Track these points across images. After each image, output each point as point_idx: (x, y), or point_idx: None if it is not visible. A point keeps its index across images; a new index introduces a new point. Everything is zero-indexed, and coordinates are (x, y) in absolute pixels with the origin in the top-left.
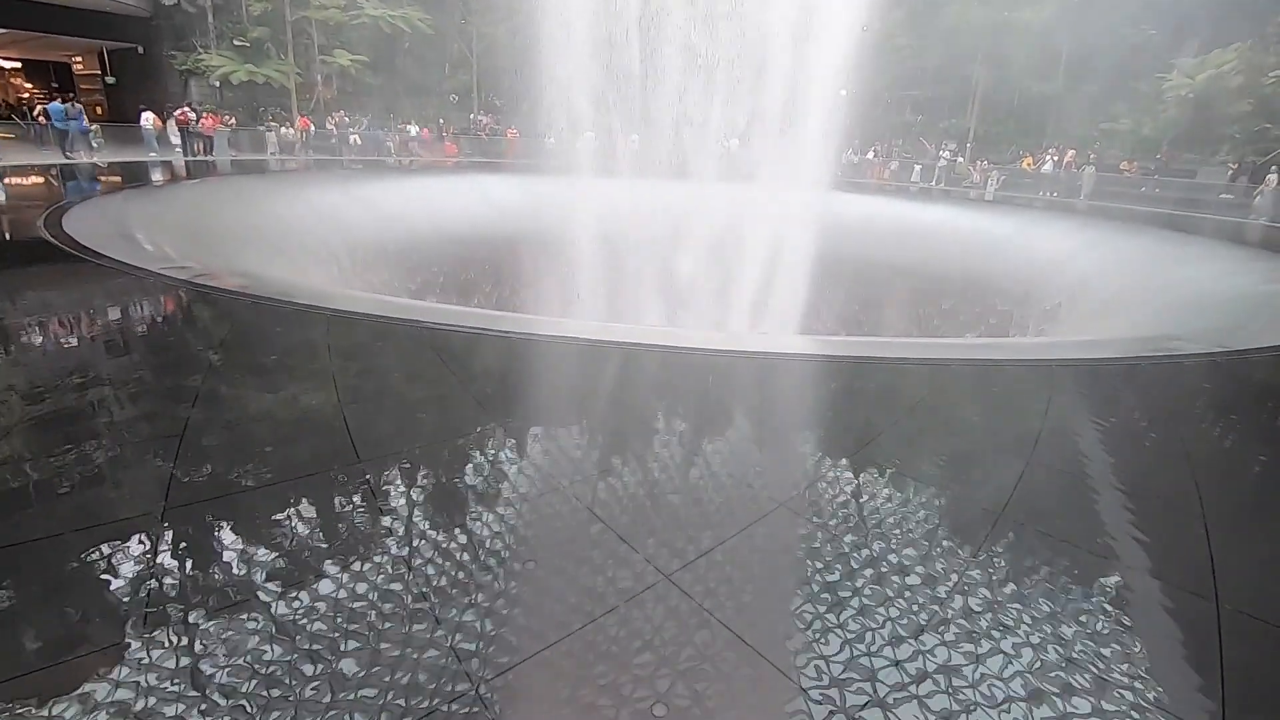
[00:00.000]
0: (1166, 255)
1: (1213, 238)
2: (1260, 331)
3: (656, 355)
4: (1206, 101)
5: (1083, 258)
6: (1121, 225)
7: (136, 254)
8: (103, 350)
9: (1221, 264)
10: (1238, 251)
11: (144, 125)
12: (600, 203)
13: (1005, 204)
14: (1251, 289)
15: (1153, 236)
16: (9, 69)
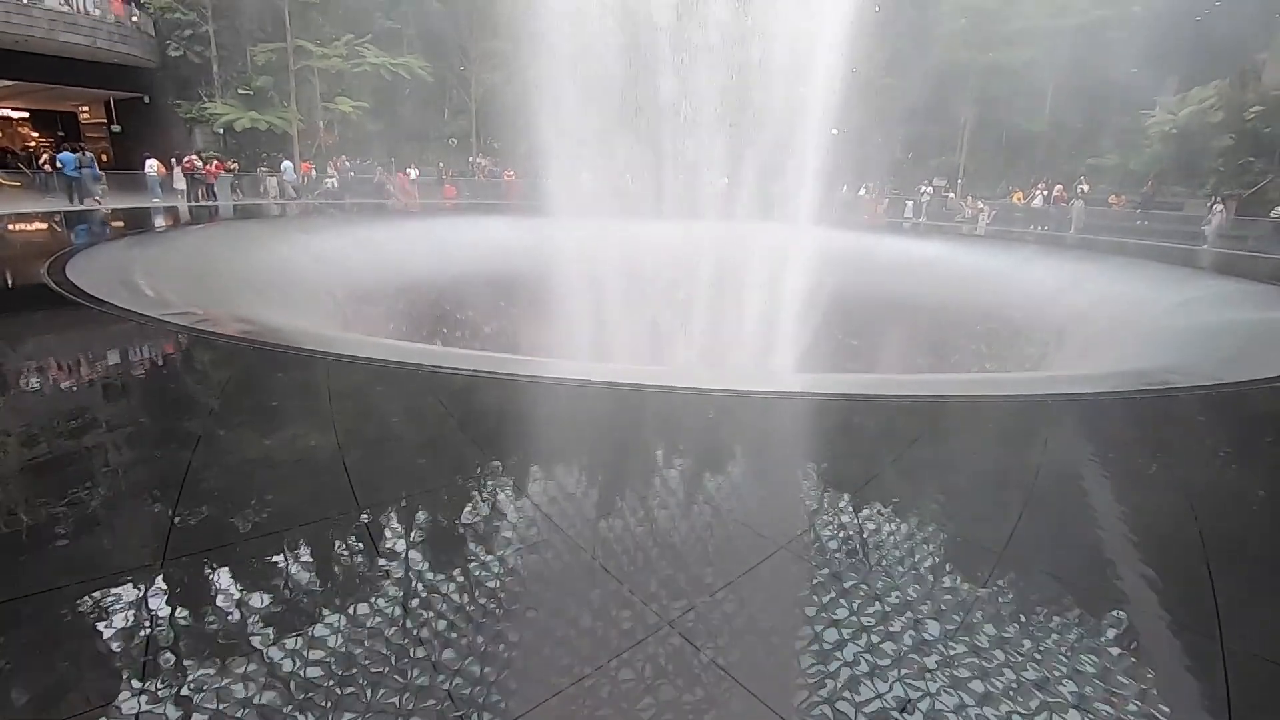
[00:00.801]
0: (1156, 288)
1: (1200, 269)
2: (1253, 363)
3: (654, 396)
4: (1189, 136)
5: (1076, 291)
6: (1111, 258)
7: (138, 300)
8: (102, 396)
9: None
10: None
11: (148, 172)
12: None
13: (998, 238)
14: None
15: (1142, 269)
16: (16, 119)
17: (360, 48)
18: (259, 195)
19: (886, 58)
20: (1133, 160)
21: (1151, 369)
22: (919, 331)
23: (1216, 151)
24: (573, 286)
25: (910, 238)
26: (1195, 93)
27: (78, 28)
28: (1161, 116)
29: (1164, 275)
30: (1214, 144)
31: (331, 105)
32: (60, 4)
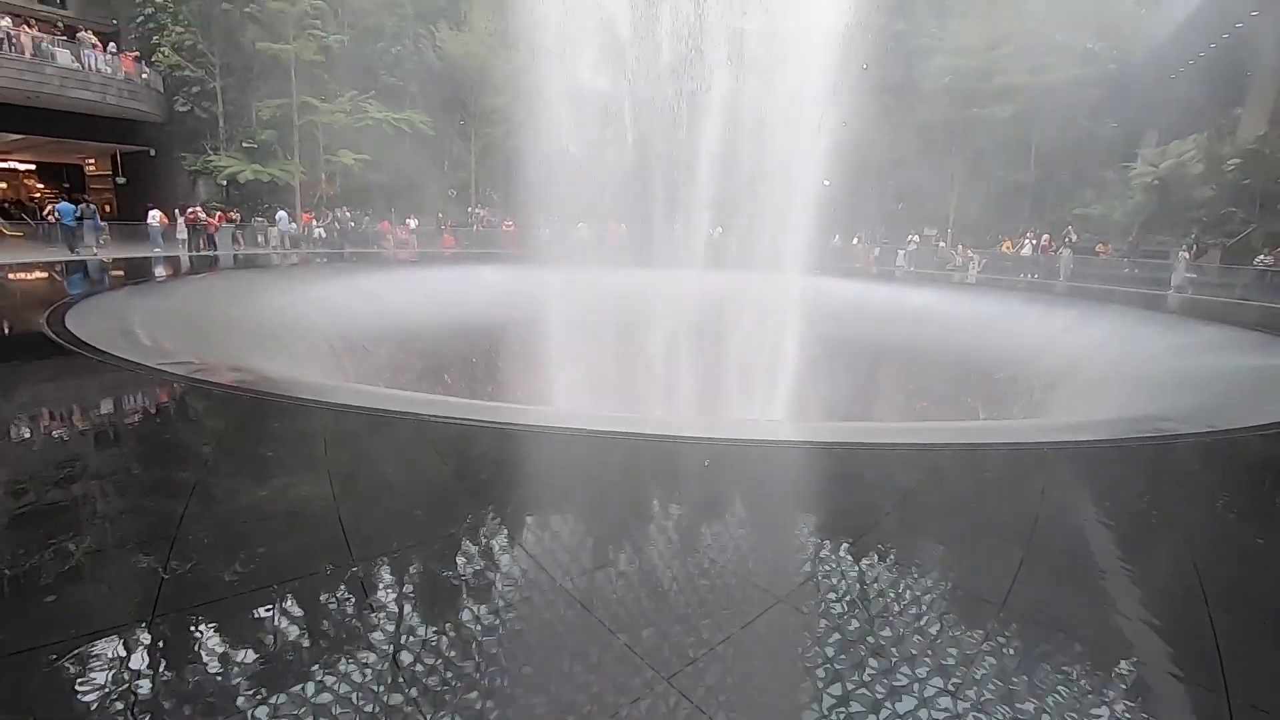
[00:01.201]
0: (1146, 334)
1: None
2: (1244, 409)
3: (649, 444)
4: (1171, 188)
5: (1068, 337)
6: (1101, 305)
7: (135, 349)
8: (96, 445)
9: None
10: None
11: (150, 223)
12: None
13: (988, 286)
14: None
15: (1131, 316)
16: (23, 171)
17: (364, 103)
18: (259, 245)
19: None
20: (1117, 211)
21: (1144, 415)
22: (914, 378)
23: (1198, 202)
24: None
25: (902, 286)
26: (1174, 146)
27: (88, 84)
28: (1143, 168)
29: (1153, 322)
30: (1195, 195)
31: (334, 158)
32: (71, 62)
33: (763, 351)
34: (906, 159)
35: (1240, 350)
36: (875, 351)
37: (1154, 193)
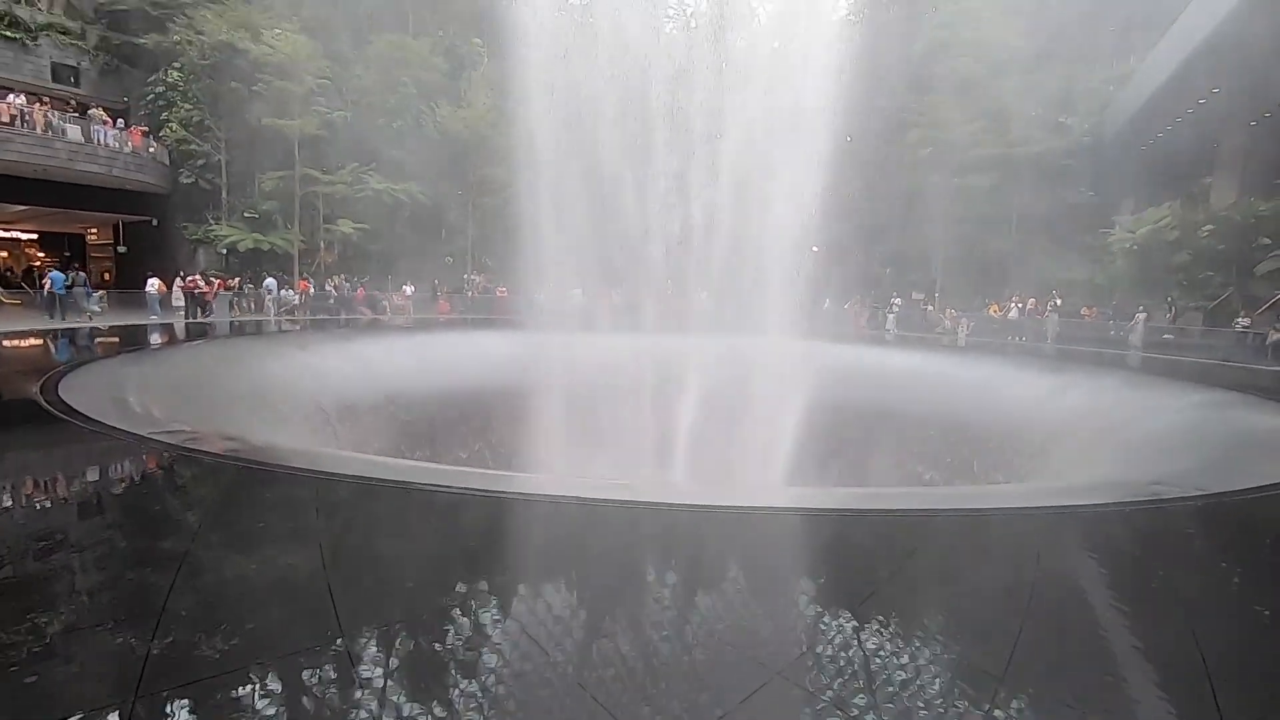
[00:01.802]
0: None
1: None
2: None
3: (643, 512)
4: (1149, 253)
5: (1058, 400)
6: (1088, 368)
7: (128, 418)
8: (83, 517)
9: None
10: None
11: (149, 290)
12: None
13: (978, 349)
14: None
15: (1120, 378)
16: (25, 240)
17: (364, 174)
18: (254, 312)
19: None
20: (1099, 275)
21: (1137, 479)
22: (907, 442)
23: (1176, 267)
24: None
25: (893, 349)
26: (1150, 213)
27: (95, 158)
28: (1121, 235)
29: (1141, 384)
30: (1173, 260)
31: (333, 226)
32: (81, 137)
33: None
34: (891, 226)
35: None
36: (870, 415)
37: (1133, 258)
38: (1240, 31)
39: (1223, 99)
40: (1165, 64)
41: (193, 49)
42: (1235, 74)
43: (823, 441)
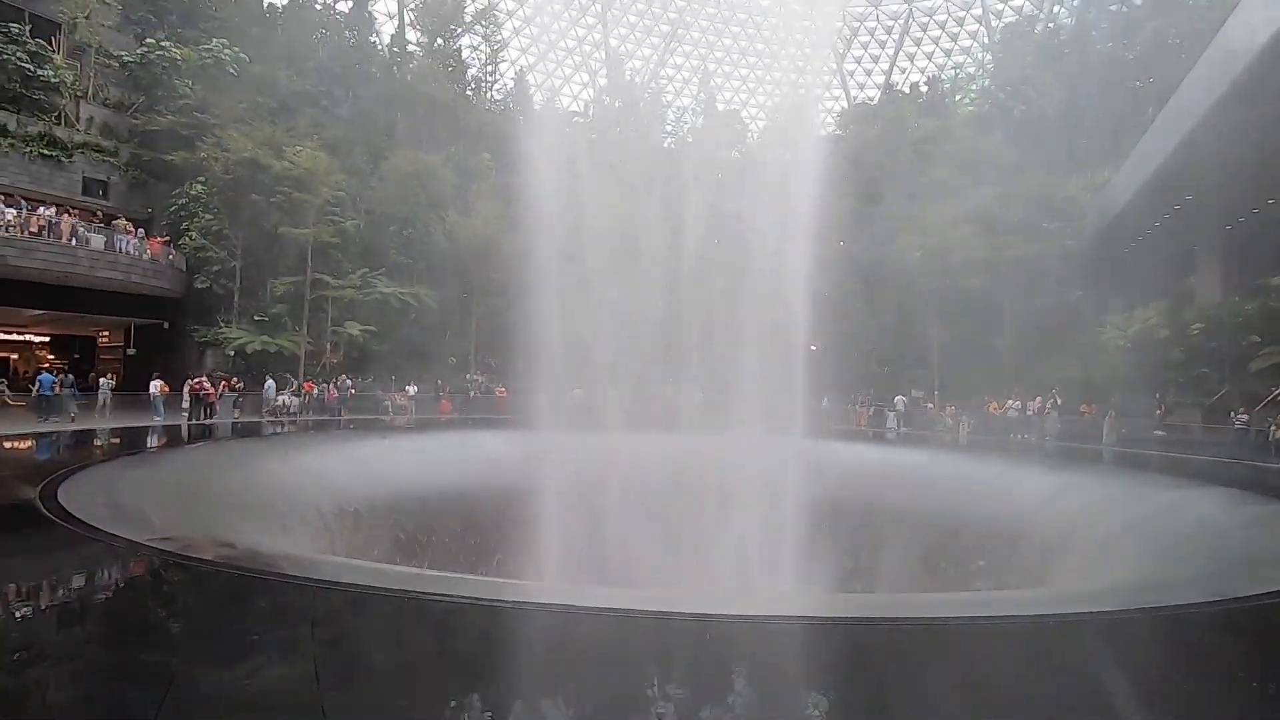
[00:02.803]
0: (1140, 495)
1: (1175, 475)
2: (1247, 577)
3: (643, 622)
4: (1142, 351)
5: (1063, 499)
6: (1090, 466)
7: (125, 524)
8: (70, 626)
9: (1189, 502)
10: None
11: (152, 392)
12: (584, 456)
13: (979, 447)
14: (1226, 527)
15: (1124, 477)
16: (37, 342)
17: (373, 279)
18: (260, 413)
19: (856, 282)
20: (1095, 373)
21: (1148, 583)
22: (912, 543)
23: (1170, 364)
24: (560, 502)
25: (895, 447)
26: (1139, 312)
27: (116, 265)
28: (1113, 333)
29: (1146, 482)
30: (1166, 358)
31: (340, 329)
32: (103, 245)
33: (761, 518)
34: (886, 325)
35: (1230, 511)
36: (876, 516)
37: (1128, 356)
38: (1203, 148)
39: (1195, 206)
40: (1136, 176)
41: (217, 164)
42: (1203, 185)
43: (829, 544)
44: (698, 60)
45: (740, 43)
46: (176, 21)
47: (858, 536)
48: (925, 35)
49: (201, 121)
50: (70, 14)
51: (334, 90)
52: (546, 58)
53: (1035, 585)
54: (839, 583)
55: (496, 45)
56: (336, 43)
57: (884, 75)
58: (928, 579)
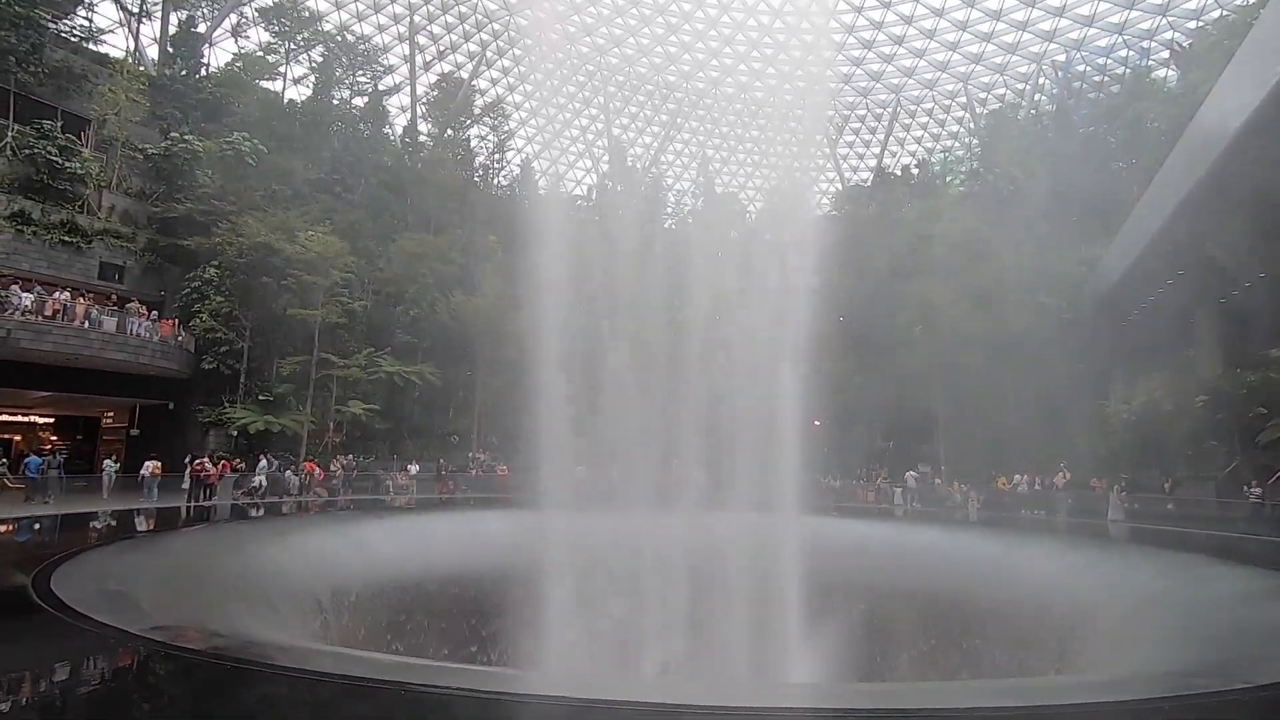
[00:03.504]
0: (1158, 574)
1: (1194, 552)
2: (1275, 660)
3: (646, 716)
4: (1148, 424)
5: (1079, 579)
6: (1107, 544)
7: (117, 613)
8: None
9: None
10: (1220, 566)
11: (143, 474)
12: (586, 537)
13: (991, 524)
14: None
15: (1138, 554)
16: (41, 423)
17: (378, 358)
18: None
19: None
20: (1102, 446)
21: (1173, 670)
22: (926, 626)
23: (1178, 437)
24: (561, 586)
25: (904, 525)
26: (1142, 385)
27: (125, 347)
28: (1118, 406)
29: (1162, 559)
30: (1174, 430)
31: (344, 408)
32: (114, 327)
33: (766, 600)
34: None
35: (1254, 591)
36: (887, 597)
37: (1134, 429)
38: (1189, 227)
39: (1187, 281)
40: (1127, 253)
41: (231, 249)
42: (1192, 262)
43: (843, 627)
44: (696, 147)
45: (736, 130)
46: (201, 116)
47: (869, 620)
48: (913, 121)
49: (218, 208)
50: (101, 111)
51: (347, 178)
52: (551, 146)
53: (1055, 670)
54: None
55: (504, 135)
56: (351, 134)
57: (875, 159)
58: (943, 663)
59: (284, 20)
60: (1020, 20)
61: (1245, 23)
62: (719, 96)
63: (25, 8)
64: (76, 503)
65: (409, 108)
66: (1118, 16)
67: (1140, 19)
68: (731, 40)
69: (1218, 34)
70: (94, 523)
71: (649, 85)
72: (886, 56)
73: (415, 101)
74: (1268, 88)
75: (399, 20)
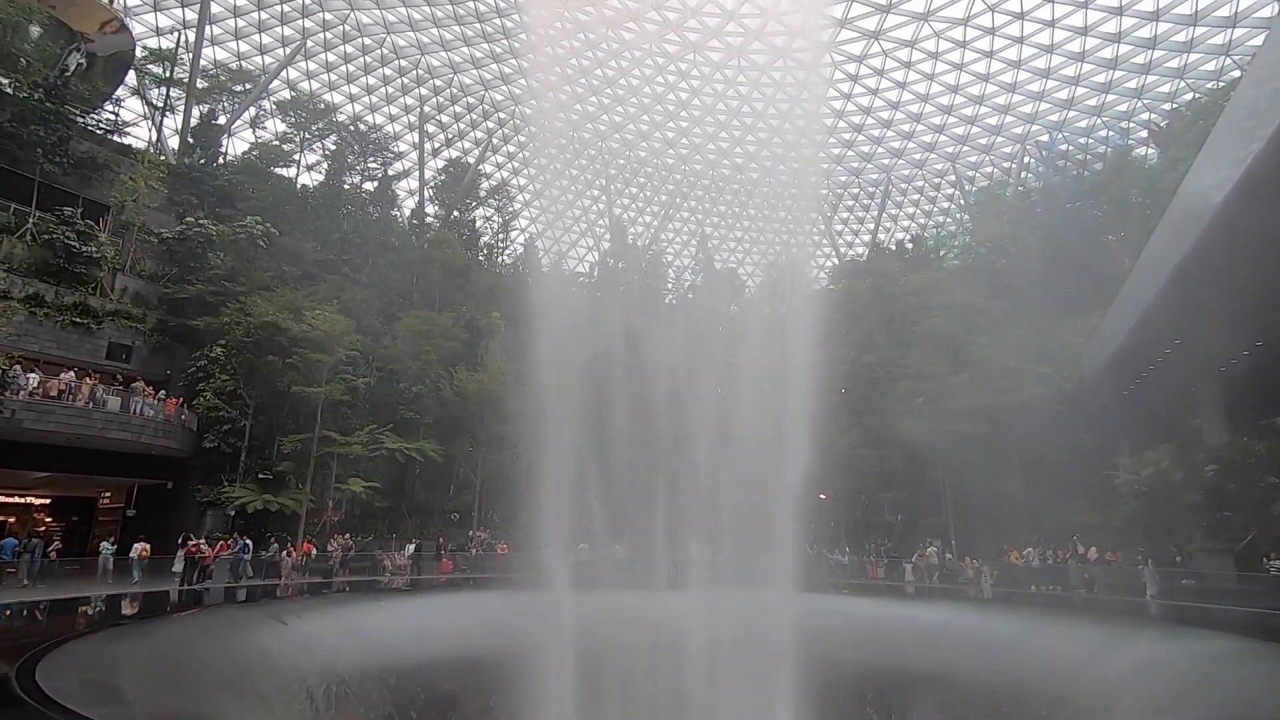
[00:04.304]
0: (1186, 655)
1: (1218, 631)
2: None
3: None
4: (1158, 494)
5: (1103, 660)
6: (1125, 620)
7: (102, 706)
8: None
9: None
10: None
11: (131, 556)
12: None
13: (1005, 601)
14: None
15: (1161, 630)
16: (37, 505)
17: (380, 434)
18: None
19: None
20: (1115, 518)
21: None
22: (948, 714)
23: (1191, 508)
24: (559, 675)
25: (916, 603)
26: (1149, 455)
27: (128, 426)
28: (1127, 476)
29: (1188, 637)
30: (1186, 501)
31: (344, 486)
32: (118, 407)
33: (778, 686)
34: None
35: None
36: (903, 682)
37: (1145, 500)
38: (1180, 299)
39: (1184, 351)
40: (1122, 324)
41: (239, 329)
42: (1187, 332)
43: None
44: (695, 225)
45: (734, 209)
46: (216, 201)
47: (884, 707)
48: (905, 199)
49: (229, 289)
50: (121, 198)
51: (356, 258)
52: (554, 225)
53: None
54: None
55: (508, 216)
56: (361, 217)
57: (870, 234)
58: None
59: (300, 112)
60: (1002, 104)
61: (1217, 104)
62: (716, 178)
63: (56, 104)
64: (68, 587)
65: (417, 191)
66: (1095, 100)
67: (1117, 101)
68: (727, 125)
69: (1192, 115)
70: (85, 608)
71: (649, 168)
72: (876, 139)
73: (423, 185)
74: (1246, 163)
75: (410, 110)
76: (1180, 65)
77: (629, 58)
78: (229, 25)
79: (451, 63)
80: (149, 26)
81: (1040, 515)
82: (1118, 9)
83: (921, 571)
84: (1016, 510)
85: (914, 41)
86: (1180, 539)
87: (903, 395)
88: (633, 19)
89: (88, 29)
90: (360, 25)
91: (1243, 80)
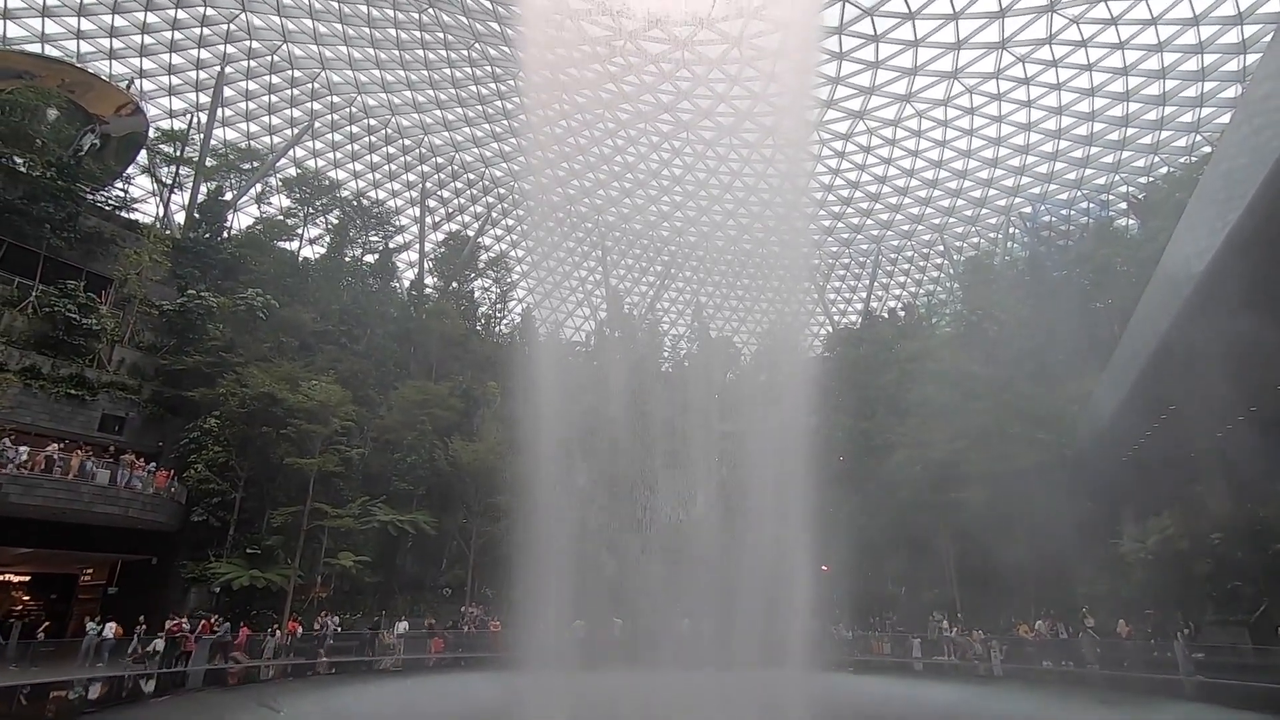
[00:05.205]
0: None
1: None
2: None
3: None
4: (1166, 564)
5: None
6: (1144, 700)
7: None
8: None
9: None
10: None
11: (105, 635)
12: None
13: (1017, 679)
14: None
15: (1179, 713)
16: (16, 581)
17: (372, 506)
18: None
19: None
20: (1123, 588)
21: None
22: None
23: (1201, 578)
24: None
25: (925, 682)
26: (1154, 522)
27: (116, 500)
28: (1131, 545)
29: None
30: (1195, 570)
31: (333, 560)
32: (107, 480)
33: None
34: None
35: None
36: None
37: (1152, 569)
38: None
39: (1179, 417)
40: (1115, 391)
41: (234, 399)
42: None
43: None
44: (690, 294)
45: (728, 278)
46: (219, 274)
47: None
48: (896, 268)
49: (226, 360)
50: (124, 271)
51: (354, 329)
52: (551, 295)
53: None
54: None
55: (506, 286)
56: (361, 288)
57: (863, 302)
58: None
59: (305, 188)
60: (985, 178)
61: (1191, 178)
62: (710, 249)
63: (68, 182)
64: (43, 669)
65: (417, 263)
66: (1074, 174)
67: (1095, 175)
68: (720, 199)
69: (1168, 187)
70: (68, 692)
71: (644, 240)
72: (865, 211)
73: (423, 257)
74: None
75: (412, 186)
76: (1153, 141)
77: (625, 136)
78: (239, 108)
79: (453, 141)
80: (163, 109)
81: (1046, 585)
82: (1089, 90)
83: (929, 647)
84: (1023, 580)
85: (897, 120)
86: (1191, 610)
87: (901, 463)
88: (628, 100)
89: (104, 112)
90: (366, 107)
91: (1214, 155)
